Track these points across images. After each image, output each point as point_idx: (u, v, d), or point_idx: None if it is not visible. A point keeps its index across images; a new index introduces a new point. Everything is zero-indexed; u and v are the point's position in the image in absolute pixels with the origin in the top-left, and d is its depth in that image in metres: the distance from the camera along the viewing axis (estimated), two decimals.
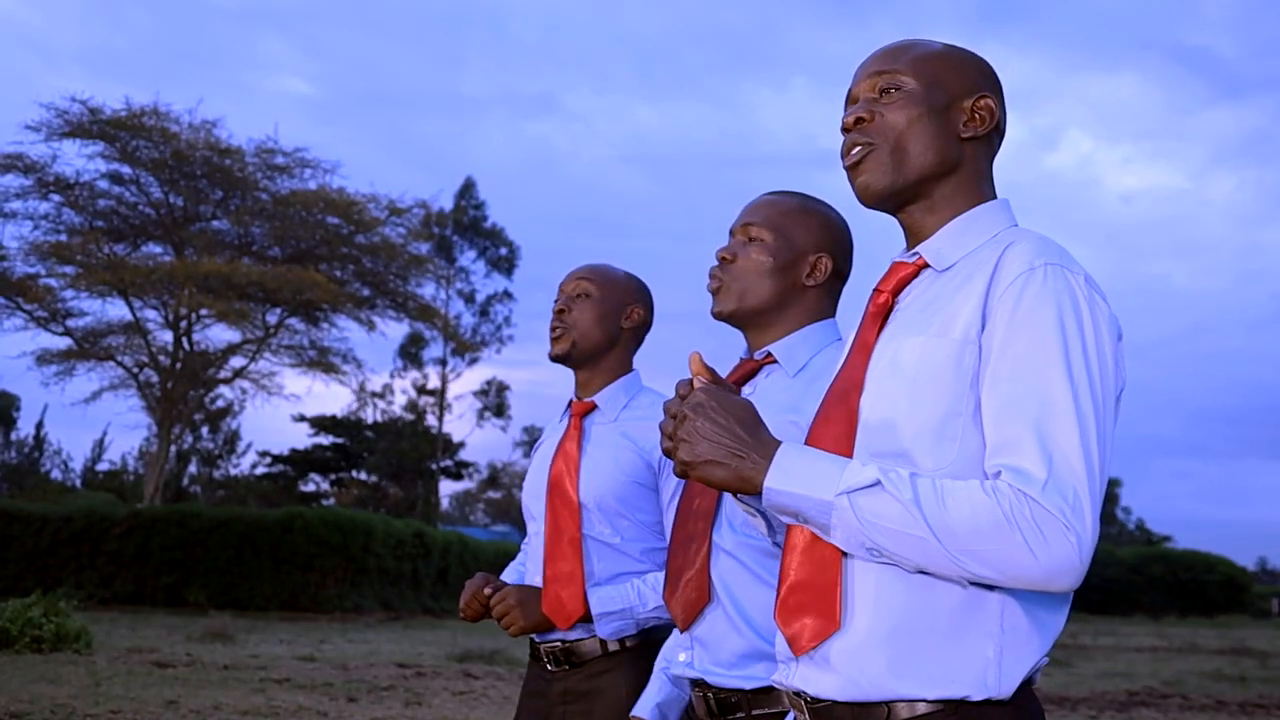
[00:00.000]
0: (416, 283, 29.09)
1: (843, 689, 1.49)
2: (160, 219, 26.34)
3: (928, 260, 1.60)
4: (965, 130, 1.62)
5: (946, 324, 1.50)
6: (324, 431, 44.67)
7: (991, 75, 1.67)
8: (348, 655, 13.00)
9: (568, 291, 2.70)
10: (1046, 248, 1.50)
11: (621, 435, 2.62)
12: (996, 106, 1.64)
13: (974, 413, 1.46)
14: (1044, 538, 1.35)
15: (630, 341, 2.72)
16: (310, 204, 26.16)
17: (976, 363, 1.47)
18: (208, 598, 21.10)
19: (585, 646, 2.59)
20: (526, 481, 2.80)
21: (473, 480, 50.26)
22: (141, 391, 27.52)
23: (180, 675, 10.11)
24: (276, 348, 28.86)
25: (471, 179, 43.78)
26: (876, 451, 1.50)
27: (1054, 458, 1.38)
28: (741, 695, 2.07)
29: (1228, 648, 20.85)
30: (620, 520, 2.59)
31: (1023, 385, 1.42)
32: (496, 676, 11.18)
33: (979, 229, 1.60)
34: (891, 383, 1.52)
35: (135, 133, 24.54)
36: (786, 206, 2.19)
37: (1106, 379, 1.45)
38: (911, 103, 1.61)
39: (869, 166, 1.61)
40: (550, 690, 2.62)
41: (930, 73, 1.62)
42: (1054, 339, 1.43)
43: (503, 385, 45.24)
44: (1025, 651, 1.46)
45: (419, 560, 24.72)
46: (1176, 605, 39.84)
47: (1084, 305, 1.46)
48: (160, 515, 22.64)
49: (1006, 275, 1.48)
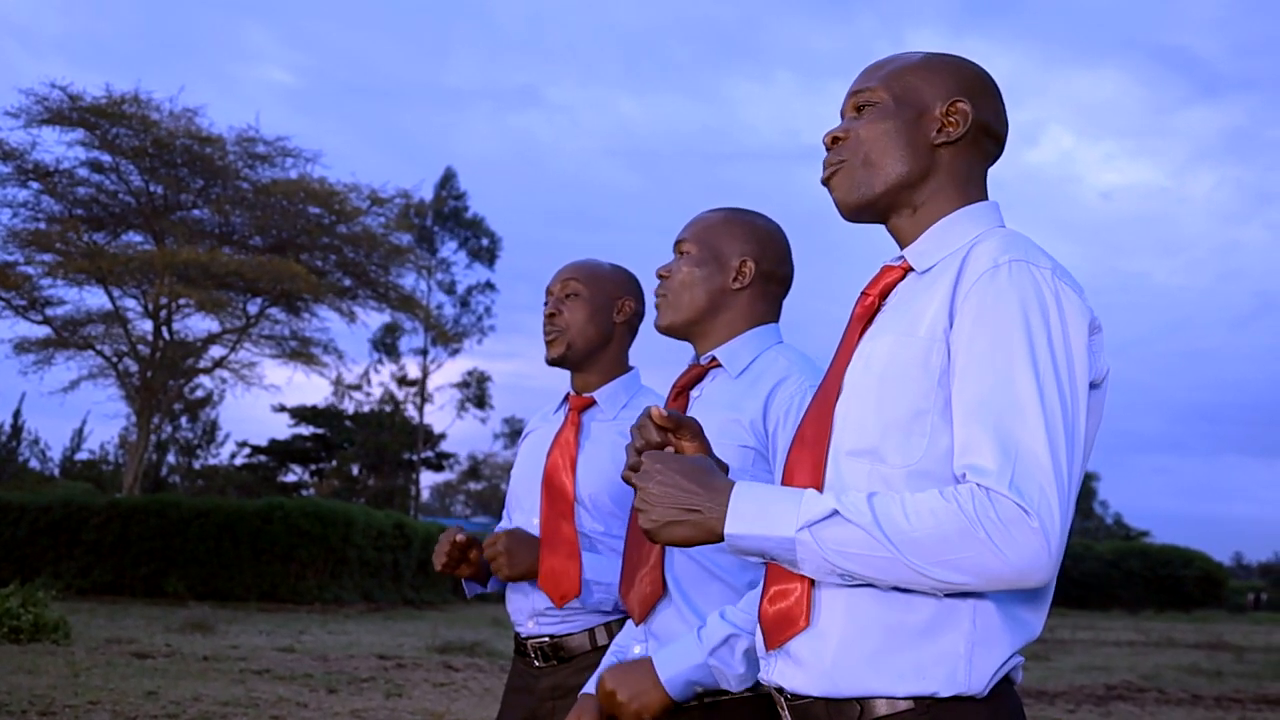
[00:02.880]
0: (398, 273, 29.00)
1: (817, 685, 1.51)
2: (140, 207, 26.17)
3: (910, 263, 1.63)
4: (938, 137, 1.63)
5: (913, 323, 1.52)
6: (304, 422, 44.52)
7: (974, 79, 1.67)
8: (328, 646, 12.97)
9: (556, 293, 2.69)
10: (1012, 244, 1.51)
11: (620, 435, 2.61)
12: (974, 109, 1.64)
13: (943, 410, 1.47)
14: (1009, 534, 1.36)
15: (625, 335, 2.72)
16: (291, 193, 26.02)
17: (944, 360, 1.48)
18: (187, 588, 21.01)
19: (573, 642, 2.59)
20: (516, 469, 2.79)
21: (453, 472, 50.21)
22: (121, 381, 27.37)
23: (160, 666, 10.08)
24: (257, 338, 28.72)
25: (452, 169, 43.67)
26: (850, 450, 1.52)
27: (1019, 452, 1.39)
28: None
29: (1204, 642, 21.01)
30: (611, 520, 2.60)
31: (987, 383, 1.43)
32: (477, 668, 11.18)
33: (960, 231, 1.61)
34: (863, 381, 1.54)
35: (115, 120, 24.34)
36: (711, 219, 2.33)
37: (1074, 371, 1.45)
38: (882, 116, 1.64)
39: (838, 183, 1.67)
40: (538, 685, 2.62)
41: (902, 85, 1.65)
42: (1018, 334, 1.44)
43: (484, 376, 45.17)
44: (997, 648, 1.47)
45: (399, 551, 24.67)
46: (1154, 600, 40.05)
47: (1049, 298, 1.46)
48: (139, 505, 22.51)
49: (971, 274, 1.49)
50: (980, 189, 1.67)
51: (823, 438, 1.56)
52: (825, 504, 1.42)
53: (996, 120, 1.68)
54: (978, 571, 1.37)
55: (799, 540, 1.42)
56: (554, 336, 2.65)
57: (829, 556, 1.41)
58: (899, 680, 1.46)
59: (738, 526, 1.45)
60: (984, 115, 1.65)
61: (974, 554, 1.36)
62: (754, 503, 1.46)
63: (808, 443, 1.59)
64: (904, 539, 1.38)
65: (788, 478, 1.60)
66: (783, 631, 1.54)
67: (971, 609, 1.46)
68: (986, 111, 1.66)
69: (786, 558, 1.45)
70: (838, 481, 1.53)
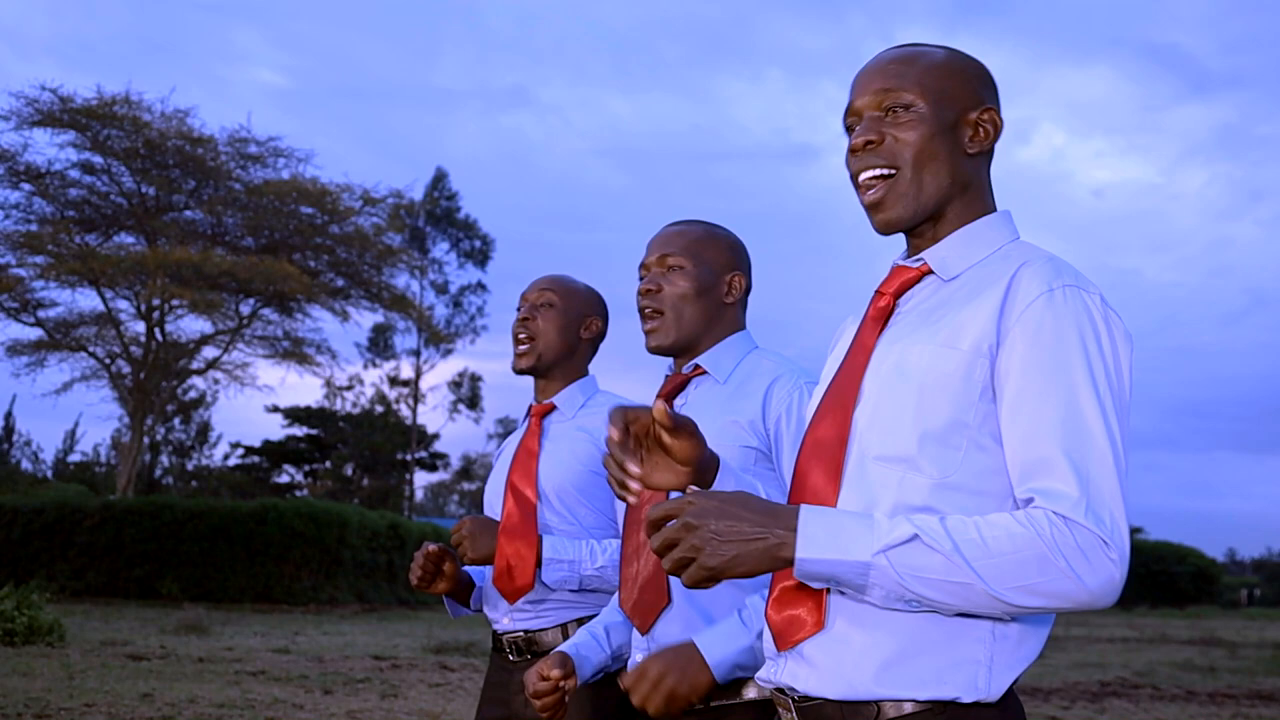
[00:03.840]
0: (390, 274, 28.97)
1: (833, 687, 1.51)
2: (132, 208, 26.12)
3: (932, 267, 1.60)
4: (971, 146, 1.60)
5: (955, 335, 1.50)
6: (297, 422, 44.46)
7: (992, 83, 1.66)
8: (323, 647, 12.96)
9: (531, 300, 2.82)
10: (1062, 269, 1.51)
11: (578, 429, 2.76)
12: (1000, 117, 1.63)
13: (980, 424, 1.47)
14: (1089, 562, 1.37)
15: (588, 351, 2.87)
16: (284, 194, 25.98)
17: (987, 377, 1.47)
18: (181, 590, 21.00)
19: (547, 637, 2.69)
20: (488, 481, 2.92)
21: (447, 472, 50.18)
22: (113, 382, 27.32)
23: (154, 668, 10.07)
24: (249, 338, 28.70)
25: (443, 170, 43.65)
26: (880, 455, 1.51)
27: (1091, 480, 1.39)
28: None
29: (1198, 638, 21.05)
30: (579, 509, 2.72)
31: (1050, 408, 1.43)
32: (473, 669, 11.17)
33: (984, 241, 1.60)
34: (897, 388, 1.52)
35: (107, 121, 24.30)
36: (696, 234, 2.36)
37: (1125, 397, 1.47)
38: (922, 123, 1.58)
39: (890, 203, 1.59)
40: (512, 680, 2.71)
41: (937, 88, 1.59)
42: (1079, 360, 1.44)
43: (476, 377, 45.16)
44: (1016, 656, 1.48)
45: (394, 552, 24.65)
46: (1148, 596, 40.14)
47: (1102, 325, 1.47)
48: (133, 507, 22.49)
49: (1024, 296, 1.48)
50: (993, 196, 1.66)
51: (842, 439, 1.54)
52: (903, 529, 1.38)
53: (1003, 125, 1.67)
54: (1055, 596, 1.37)
55: (875, 565, 1.38)
56: (525, 347, 2.79)
57: (905, 582, 1.38)
58: (919, 685, 1.46)
59: (810, 551, 1.39)
60: (1002, 122, 1.65)
61: (1053, 580, 1.36)
62: (825, 526, 1.41)
63: (825, 444, 1.56)
64: (985, 565, 1.37)
65: (800, 478, 1.58)
66: (796, 633, 1.53)
67: (991, 619, 1.46)
68: (1000, 118, 1.65)
69: (857, 582, 1.40)
70: (862, 485, 1.51)
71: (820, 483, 1.55)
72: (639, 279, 2.39)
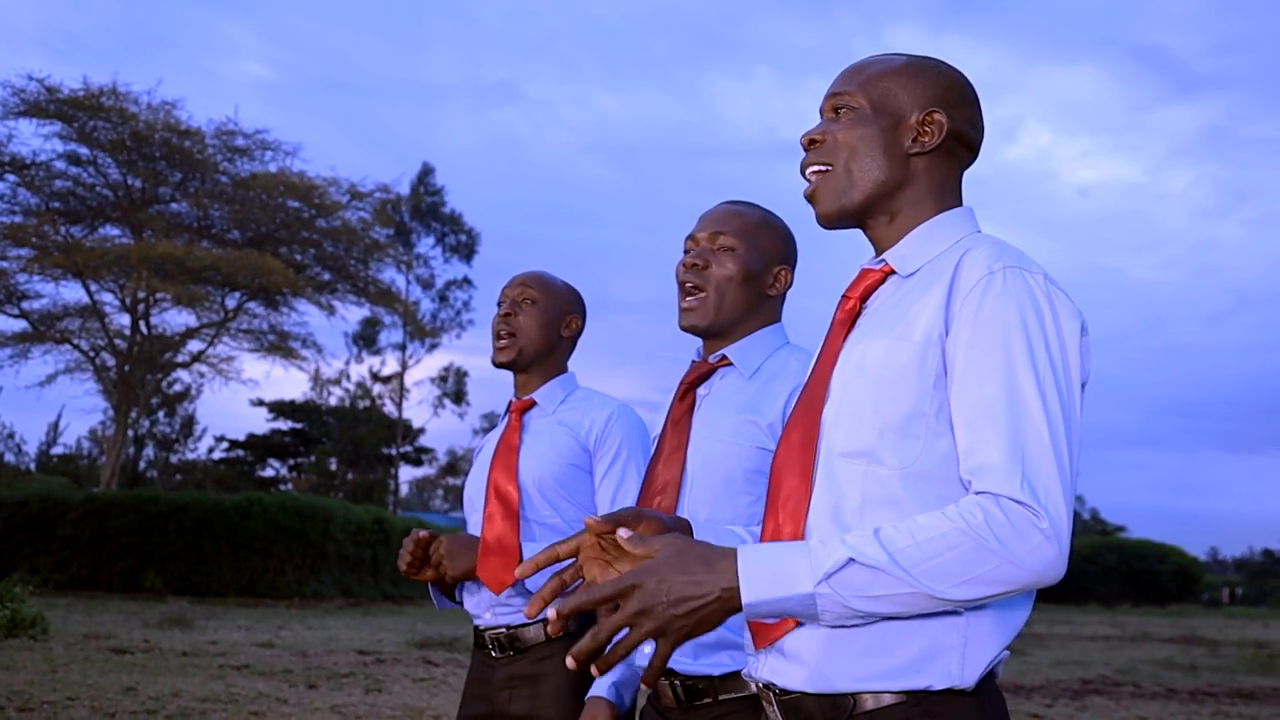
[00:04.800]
0: (377, 268, 28.93)
1: (810, 681, 1.53)
2: (118, 200, 26.02)
3: (893, 266, 1.65)
4: (912, 146, 1.65)
5: (908, 327, 1.54)
6: (282, 416, 44.40)
7: (951, 88, 1.69)
8: (307, 642, 12.95)
9: (512, 297, 2.84)
10: (1003, 251, 1.54)
11: (558, 424, 2.77)
12: (949, 119, 1.66)
13: (937, 412, 1.50)
14: (1022, 540, 1.39)
15: (567, 348, 2.89)
16: (271, 187, 25.91)
17: (940, 365, 1.51)
18: (165, 583, 20.94)
19: (529, 633, 2.69)
20: (469, 476, 2.93)
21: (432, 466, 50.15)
22: (98, 375, 27.24)
23: (138, 661, 10.05)
24: (235, 332, 28.64)
25: (429, 165, 43.58)
26: (844, 451, 1.54)
27: (1025, 452, 1.42)
28: (708, 682, 2.13)
29: (1179, 636, 21.18)
30: (560, 502, 2.72)
31: (991, 387, 1.46)
32: (457, 664, 11.17)
33: (941, 236, 1.64)
34: (857, 383, 1.56)
35: (93, 113, 24.20)
36: (754, 218, 2.27)
37: (1070, 373, 1.49)
38: (859, 122, 1.66)
39: (821, 194, 1.68)
40: (494, 676, 2.71)
41: (880, 91, 1.67)
42: (1018, 339, 1.47)
43: (461, 371, 45.12)
44: (989, 643, 1.50)
45: (378, 546, 24.62)
46: (1130, 594, 40.30)
47: (1044, 303, 1.50)
48: (117, 500, 22.41)
49: (967, 280, 1.52)
50: (955, 195, 1.70)
51: (811, 440, 1.58)
52: (837, 553, 1.40)
53: (971, 129, 1.70)
54: (998, 582, 1.39)
55: (819, 594, 1.40)
56: (506, 341, 2.81)
57: (851, 603, 1.40)
58: (894, 675, 1.49)
59: (754, 594, 1.41)
60: (958, 124, 1.67)
61: (992, 568, 1.39)
62: (763, 565, 1.42)
63: (795, 446, 1.59)
64: (922, 569, 1.39)
65: (775, 481, 1.61)
66: (774, 629, 1.56)
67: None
68: (961, 120, 1.68)
69: (807, 613, 1.42)
70: (831, 483, 1.54)
71: (794, 485, 1.58)
72: (684, 252, 2.29)
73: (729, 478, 2.14)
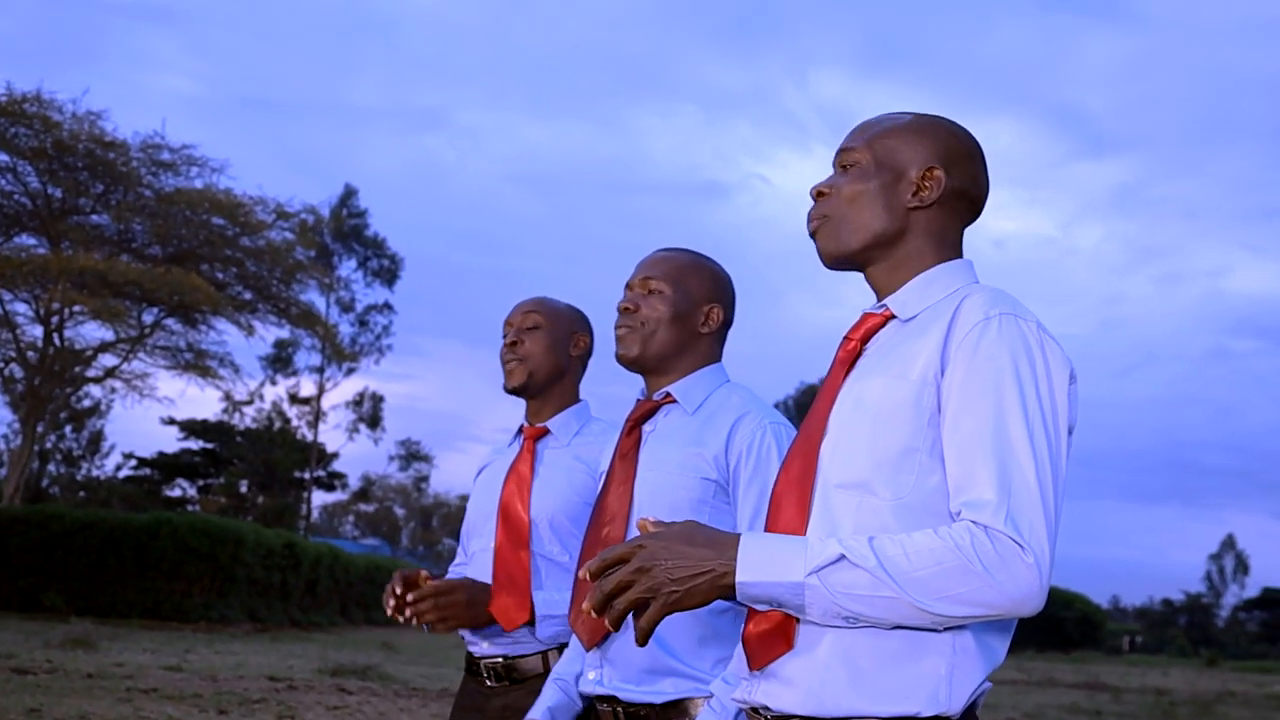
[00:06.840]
0: (299, 289, 28.60)
1: (804, 705, 1.58)
2: (36, 209, 25.44)
3: (894, 311, 1.73)
4: (912, 200, 1.75)
5: (905, 366, 1.62)
6: (193, 436, 43.61)
7: (954, 147, 1.78)
8: (215, 666, 12.71)
9: (517, 324, 2.79)
10: (1000, 299, 1.63)
11: (574, 458, 2.71)
12: (949, 176, 1.75)
13: (931, 449, 1.58)
14: (1006, 568, 1.46)
15: (578, 369, 2.84)
16: (195, 203, 25.48)
17: (935, 403, 1.59)
18: (66, 603, 20.39)
19: (527, 664, 2.64)
20: (472, 502, 2.86)
21: (344, 492, 49.56)
22: (5, 386, 26.55)
23: (41, 683, 9.79)
24: (151, 348, 28.09)
25: (352, 187, 43.36)
26: (839, 483, 1.61)
27: (1012, 489, 1.50)
28: (651, 709, 2.17)
29: (1083, 682, 21.58)
30: (571, 540, 2.65)
31: (981, 425, 1.54)
32: (370, 692, 11.05)
33: (941, 284, 1.73)
34: (854, 419, 1.63)
35: (15, 119, 23.66)
36: (682, 261, 2.41)
37: (1058, 417, 1.58)
38: (862, 177, 1.76)
39: (820, 237, 1.79)
40: (489, 705, 2.66)
41: (884, 147, 1.77)
42: (1010, 381, 1.55)
43: (378, 396, 44.78)
44: (974, 671, 1.57)
45: (288, 571, 24.26)
46: (1034, 640, 40.97)
47: (1036, 350, 1.59)
48: (19, 516, 21.83)
49: (964, 324, 1.60)
50: (955, 247, 1.79)
51: (809, 473, 1.65)
52: (831, 549, 1.49)
53: (974, 185, 1.80)
54: (979, 604, 1.47)
55: (808, 585, 1.49)
56: (515, 365, 2.75)
57: (837, 599, 1.48)
58: (884, 700, 1.55)
59: (748, 574, 1.50)
60: (959, 181, 1.77)
61: (973, 588, 1.46)
62: (762, 551, 1.52)
63: (794, 478, 1.67)
64: (907, 578, 1.47)
65: (774, 511, 1.68)
66: (768, 653, 1.62)
67: (951, 634, 1.55)
68: (963, 178, 1.77)
69: (795, 603, 1.50)
70: (826, 513, 1.61)
71: (791, 514, 1.65)
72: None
73: (675, 507, 2.20)
